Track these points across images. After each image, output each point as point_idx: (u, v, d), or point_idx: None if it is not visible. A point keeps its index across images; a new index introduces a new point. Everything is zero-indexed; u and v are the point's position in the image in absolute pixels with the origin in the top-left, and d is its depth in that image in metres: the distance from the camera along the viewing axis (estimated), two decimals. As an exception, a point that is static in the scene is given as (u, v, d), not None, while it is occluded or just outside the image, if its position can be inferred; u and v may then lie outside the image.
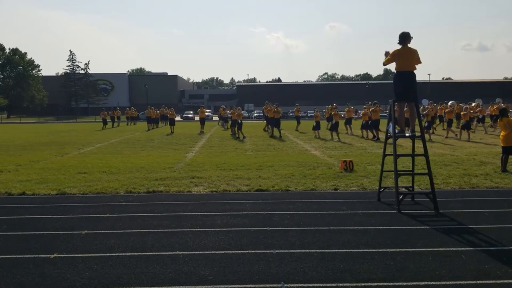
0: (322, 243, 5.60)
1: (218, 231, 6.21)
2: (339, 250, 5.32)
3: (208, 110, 63.69)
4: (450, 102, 28.10)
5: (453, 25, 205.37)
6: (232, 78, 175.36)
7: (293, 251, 5.32)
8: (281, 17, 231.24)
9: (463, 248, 5.36)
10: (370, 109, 22.23)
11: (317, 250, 5.33)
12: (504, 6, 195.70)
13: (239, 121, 24.31)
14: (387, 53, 7.79)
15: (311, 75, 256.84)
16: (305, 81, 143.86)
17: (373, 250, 5.32)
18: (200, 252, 5.34)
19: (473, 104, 28.45)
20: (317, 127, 23.16)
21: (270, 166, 12.26)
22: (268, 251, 5.34)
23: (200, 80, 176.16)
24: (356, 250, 5.32)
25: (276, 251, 5.32)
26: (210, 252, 5.34)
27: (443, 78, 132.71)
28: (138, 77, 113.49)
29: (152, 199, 8.37)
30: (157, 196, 8.68)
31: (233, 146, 18.78)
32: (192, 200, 8.29)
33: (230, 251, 5.34)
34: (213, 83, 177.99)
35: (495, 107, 27.08)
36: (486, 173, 10.61)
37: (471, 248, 5.36)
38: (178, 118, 49.69)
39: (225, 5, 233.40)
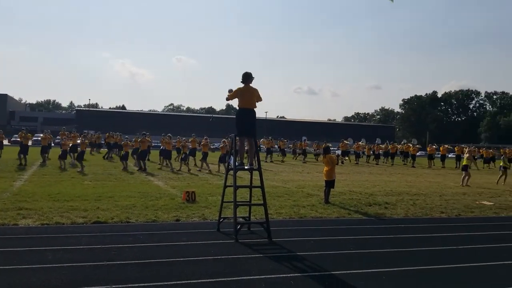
0: (161, 276, 5.57)
1: (48, 267, 5.72)
2: (178, 282, 5.36)
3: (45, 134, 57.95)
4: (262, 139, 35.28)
5: (287, 70, 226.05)
6: (72, 102, 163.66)
7: (131, 285, 5.19)
8: (128, 45, 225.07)
9: (291, 274, 5.86)
10: (138, 140, 22.72)
11: (156, 283, 5.28)
12: (331, 55, 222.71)
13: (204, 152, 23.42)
14: (230, 90, 8.38)
15: (157, 105, 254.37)
16: (150, 110, 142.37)
17: (210, 280, 5.49)
18: (26, 292, 4.86)
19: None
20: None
21: (110, 196, 11.74)
22: (104, 287, 5.10)
23: (34, 102, 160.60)
24: (194, 281, 5.41)
25: (113, 286, 5.13)
26: (37, 291, 4.88)
27: (277, 116, 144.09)
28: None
29: (-33, 235, 7.30)
30: (-27, 230, 7.60)
31: (69, 175, 17.50)
32: (18, 234, 7.47)
33: (62, 289, 4.96)
34: (49, 106, 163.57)
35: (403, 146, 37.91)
36: (312, 204, 11.81)
37: (299, 274, 5.89)
38: (6, 142, 44.28)
39: (69, 24, 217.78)
